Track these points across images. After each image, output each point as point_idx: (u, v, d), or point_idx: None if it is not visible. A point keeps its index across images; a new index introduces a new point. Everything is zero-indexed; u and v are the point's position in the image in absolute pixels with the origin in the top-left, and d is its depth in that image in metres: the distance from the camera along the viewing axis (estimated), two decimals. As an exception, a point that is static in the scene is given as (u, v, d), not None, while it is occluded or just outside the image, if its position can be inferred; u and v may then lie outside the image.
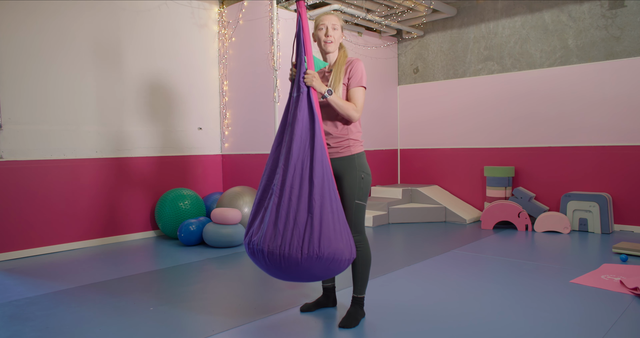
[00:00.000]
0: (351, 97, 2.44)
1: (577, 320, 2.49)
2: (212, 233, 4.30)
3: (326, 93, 2.35)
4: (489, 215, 5.21)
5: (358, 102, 2.43)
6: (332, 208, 2.22)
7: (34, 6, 4.17)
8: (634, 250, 3.81)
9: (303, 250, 2.15)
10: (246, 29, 5.29)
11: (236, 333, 2.38)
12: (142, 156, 4.92)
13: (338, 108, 2.38)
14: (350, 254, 2.23)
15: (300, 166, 2.26)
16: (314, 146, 2.26)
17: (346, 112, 2.40)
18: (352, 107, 2.41)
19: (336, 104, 2.37)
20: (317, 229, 2.17)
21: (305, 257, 2.15)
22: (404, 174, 6.76)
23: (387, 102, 6.59)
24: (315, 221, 2.18)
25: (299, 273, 2.23)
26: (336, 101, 2.37)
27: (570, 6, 5.19)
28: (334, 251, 2.17)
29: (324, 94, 2.35)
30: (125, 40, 4.78)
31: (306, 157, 2.27)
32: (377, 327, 2.42)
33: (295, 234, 2.18)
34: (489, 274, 3.41)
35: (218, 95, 5.64)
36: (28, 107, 4.17)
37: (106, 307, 2.78)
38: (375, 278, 3.28)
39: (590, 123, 5.08)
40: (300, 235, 2.17)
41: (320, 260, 2.16)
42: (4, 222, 4.03)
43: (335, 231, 2.20)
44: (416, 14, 5.95)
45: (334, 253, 2.17)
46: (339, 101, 2.38)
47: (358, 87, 2.44)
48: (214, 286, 3.20)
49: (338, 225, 2.22)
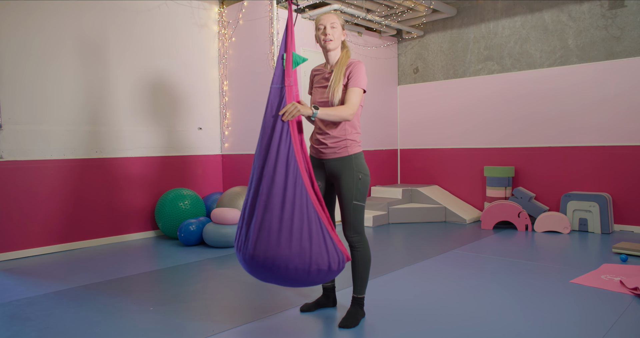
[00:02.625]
0: (346, 97, 2.39)
1: (577, 320, 2.49)
2: (212, 233, 4.30)
3: (312, 116, 2.28)
4: (489, 215, 5.21)
5: (350, 101, 2.36)
6: (282, 212, 2.16)
7: (34, 6, 4.17)
8: (634, 250, 3.81)
9: (247, 250, 2.20)
10: (246, 29, 5.29)
11: (236, 333, 2.38)
12: (142, 156, 4.92)
13: (330, 118, 2.32)
14: (327, 265, 2.18)
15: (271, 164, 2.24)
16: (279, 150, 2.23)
17: (338, 118, 2.34)
18: (340, 109, 2.34)
19: (327, 116, 2.31)
20: (254, 230, 2.20)
21: (248, 259, 2.19)
22: (404, 174, 6.76)
23: (387, 102, 6.59)
24: (256, 222, 2.19)
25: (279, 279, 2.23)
26: (324, 115, 2.30)
27: (570, 6, 5.19)
28: (273, 257, 2.12)
29: (311, 117, 2.29)
30: (125, 40, 4.78)
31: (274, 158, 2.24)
32: (377, 327, 2.42)
33: (247, 234, 2.23)
34: (489, 274, 3.41)
35: (218, 95, 5.64)
36: (28, 107, 4.17)
37: (106, 307, 2.78)
38: (375, 278, 3.28)
39: (590, 123, 5.08)
40: (246, 235, 2.23)
41: (257, 263, 2.16)
42: (4, 222, 4.03)
43: (281, 237, 2.14)
44: (416, 14, 5.95)
45: (274, 259, 2.12)
46: (328, 112, 2.31)
47: (354, 87, 2.39)
48: (214, 286, 3.20)
49: (288, 232, 2.15)
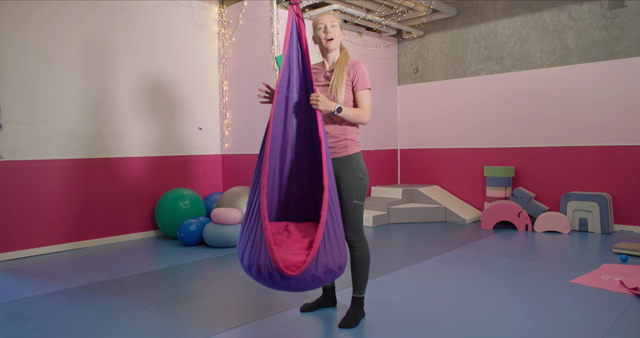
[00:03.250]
0: (359, 101, 2.45)
1: (577, 320, 2.49)
2: (212, 233, 4.30)
3: (336, 112, 2.35)
4: (489, 215, 5.21)
5: (366, 106, 2.44)
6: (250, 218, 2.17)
7: (34, 6, 4.17)
8: (634, 250, 3.80)
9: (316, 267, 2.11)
10: (246, 29, 5.29)
11: (236, 333, 2.38)
12: (142, 156, 4.92)
13: (350, 119, 2.41)
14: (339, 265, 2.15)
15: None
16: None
17: (358, 121, 2.43)
18: (360, 113, 2.42)
19: (348, 117, 2.39)
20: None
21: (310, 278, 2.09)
22: (404, 174, 6.76)
23: (387, 102, 6.59)
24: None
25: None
26: (347, 114, 2.38)
27: (570, 6, 5.19)
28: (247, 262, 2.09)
29: (334, 112, 2.35)
30: (125, 40, 4.78)
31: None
32: (377, 327, 2.42)
33: None
34: (489, 274, 3.41)
35: (218, 95, 5.64)
36: (28, 107, 4.17)
37: (106, 307, 2.78)
38: (375, 278, 3.28)
39: (590, 123, 5.08)
40: None
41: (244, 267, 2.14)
42: (4, 222, 4.03)
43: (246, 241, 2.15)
44: (416, 14, 5.95)
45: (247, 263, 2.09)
46: (349, 113, 2.39)
47: (364, 90, 2.45)
48: (214, 286, 3.20)
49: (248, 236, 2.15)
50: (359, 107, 2.45)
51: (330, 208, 2.10)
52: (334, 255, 2.04)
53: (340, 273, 2.11)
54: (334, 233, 2.09)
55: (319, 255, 1.97)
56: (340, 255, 2.08)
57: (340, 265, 2.07)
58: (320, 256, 1.97)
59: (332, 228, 2.08)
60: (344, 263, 2.11)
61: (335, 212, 2.14)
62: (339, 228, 2.14)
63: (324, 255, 1.99)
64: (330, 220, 2.08)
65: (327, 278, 2.05)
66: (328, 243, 2.03)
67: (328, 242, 2.04)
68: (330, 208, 2.10)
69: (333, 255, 2.04)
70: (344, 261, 2.11)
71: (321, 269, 1.98)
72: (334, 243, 2.06)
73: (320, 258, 1.97)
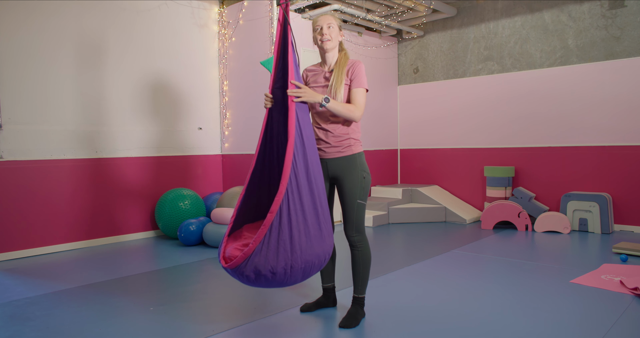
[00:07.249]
0: (352, 97, 2.43)
1: (577, 320, 2.49)
2: (212, 233, 4.30)
3: (323, 102, 2.31)
4: (489, 215, 5.21)
5: (358, 102, 2.41)
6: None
7: (34, 6, 4.17)
8: (634, 250, 3.80)
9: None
10: (246, 29, 5.29)
11: (236, 333, 2.38)
12: (142, 156, 4.92)
13: (338, 113, 2.37)
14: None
15: None
16: None
17: (347, 115, 2.38)
18: (351, 108, 2.38)
19: (335, 110, 2.35)
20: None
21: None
22: (404, 174, 6.76)
23: (387, 102, 6.59)
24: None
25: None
26: (334, 107, 2.35)
27: (570, 6, 5.19)
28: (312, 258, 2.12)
29: (321, 103, 2.32)
30: (125, 40, 4.78)
31: None
32: (377, 327, 2.42)
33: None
34: (489, 274, 3.41)
35: (218, 95, 5.64)
36: (28, 107, 4.16)
37: (106, 307, 2.78)
38: (375, 278, 3.28)
39: (590, 123, 5.08)
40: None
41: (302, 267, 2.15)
42: (4, 222, 4.03)
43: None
44: (416, 14, 5.95)
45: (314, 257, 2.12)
46: (337, 106, 2.35)
47: (359, 88, 2.44)
48: (214, 286, 3.20)
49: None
50: (351, 103, 2.42)
51: (291, 212, 2.01)
52: (268, 259, 1.97)
53: (275, 279, 2.02)
54: (283, 237, 1.99)
55: (252, 255, 1.97)
56: (277, 260, 1.98)
57: (273, 270, 1.98)
58: (253, 257, 1.97)
59: (285, 232, 1.99)
60: (280, 269, 1.99)
61: (298, 217, 2.04)
62: (298, 234, 2.02)
63: (257, 256, 1.97)
64: (286, 222, 2.00)
65: (260, 281, 2.02)
66: (266, 247, 1.97)
67: (266, 245, 1.97)
68: (290, 212, 2.01)
69: (267, 259, 1.97)
70: (280, 267, 1.99)
71: (251, 269, 1.99)
72: (274, 247, 1.98)
73: (253, 259, 1.97)
